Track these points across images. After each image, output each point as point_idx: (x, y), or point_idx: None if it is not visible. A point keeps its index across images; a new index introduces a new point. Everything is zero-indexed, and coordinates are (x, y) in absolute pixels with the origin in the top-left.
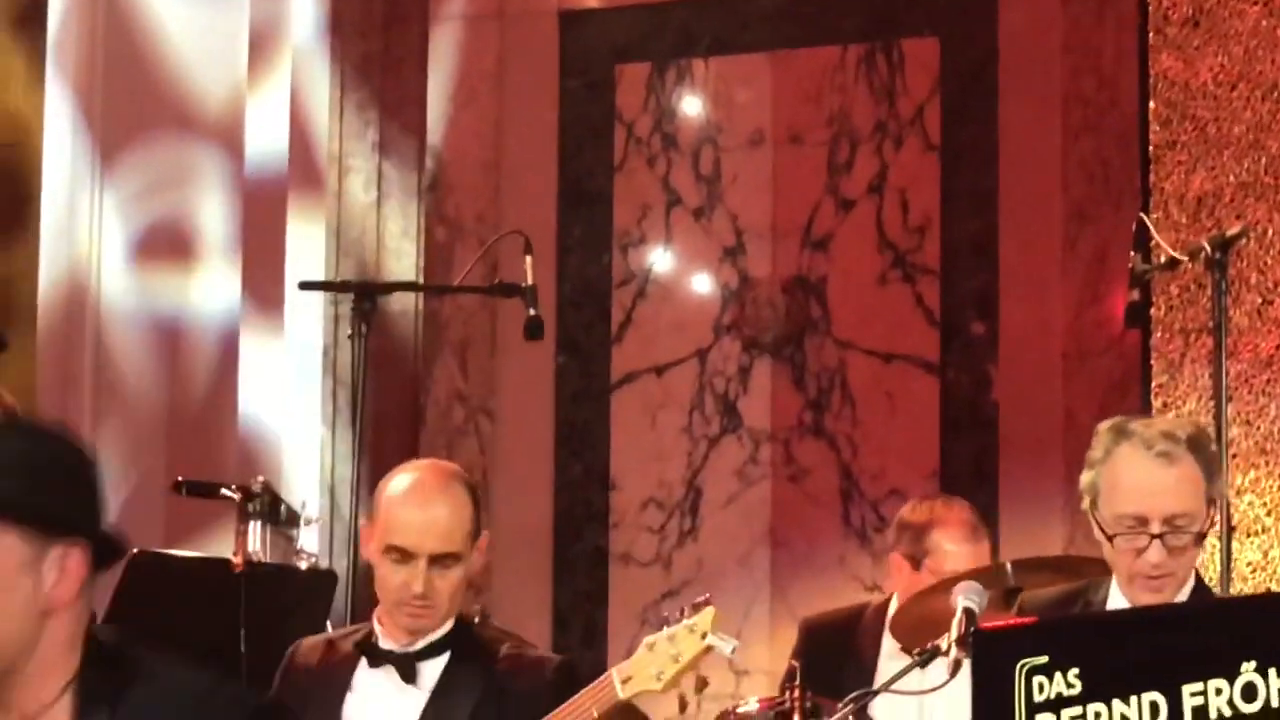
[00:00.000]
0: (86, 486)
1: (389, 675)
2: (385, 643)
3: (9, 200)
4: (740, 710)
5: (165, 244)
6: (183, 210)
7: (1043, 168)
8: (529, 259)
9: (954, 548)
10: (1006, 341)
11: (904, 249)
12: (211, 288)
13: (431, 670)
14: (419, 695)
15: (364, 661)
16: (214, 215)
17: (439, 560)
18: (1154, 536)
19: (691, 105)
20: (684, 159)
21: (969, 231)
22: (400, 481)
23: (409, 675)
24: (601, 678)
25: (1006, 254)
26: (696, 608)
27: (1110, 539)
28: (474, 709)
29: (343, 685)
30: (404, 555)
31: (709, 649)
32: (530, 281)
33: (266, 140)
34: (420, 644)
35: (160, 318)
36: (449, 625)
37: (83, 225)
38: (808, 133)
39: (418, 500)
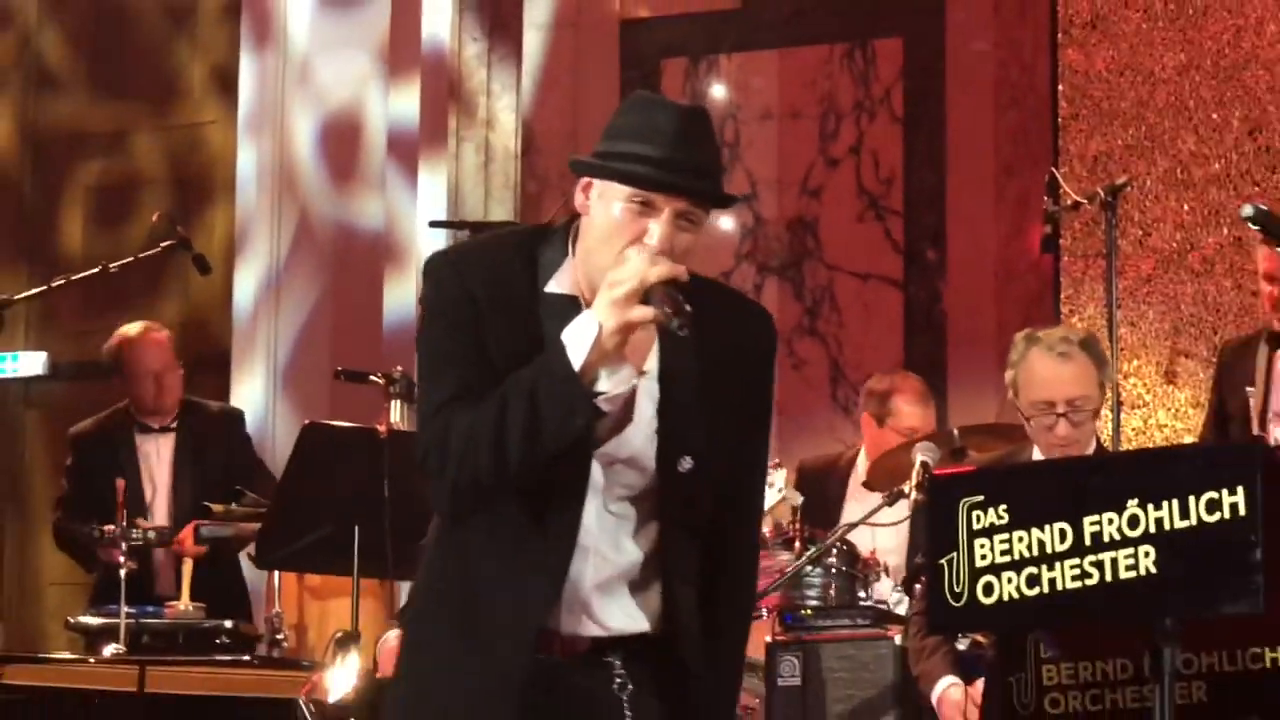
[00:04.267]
0: None
1: None
2: None
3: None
4: None
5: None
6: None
7: (979, 134)
8: None
9: (910, 409)
10: (953, 265)
11: (876, 195)
12: (367, 217)
13: None
14: None
15: None
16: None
17: None
18: (1060, 415)
19: (718, 90)
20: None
21: (925, 182)
22: None
23: None
24: None
25: (953, 198)
26: (773, 466)
27: (1028, 420)
28: None
29: None
30: None
31: (783, 499)
32: None
33: (407, 113)
34: None
35: (330, 235)
36: None
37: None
38: (804, 110)
39: None
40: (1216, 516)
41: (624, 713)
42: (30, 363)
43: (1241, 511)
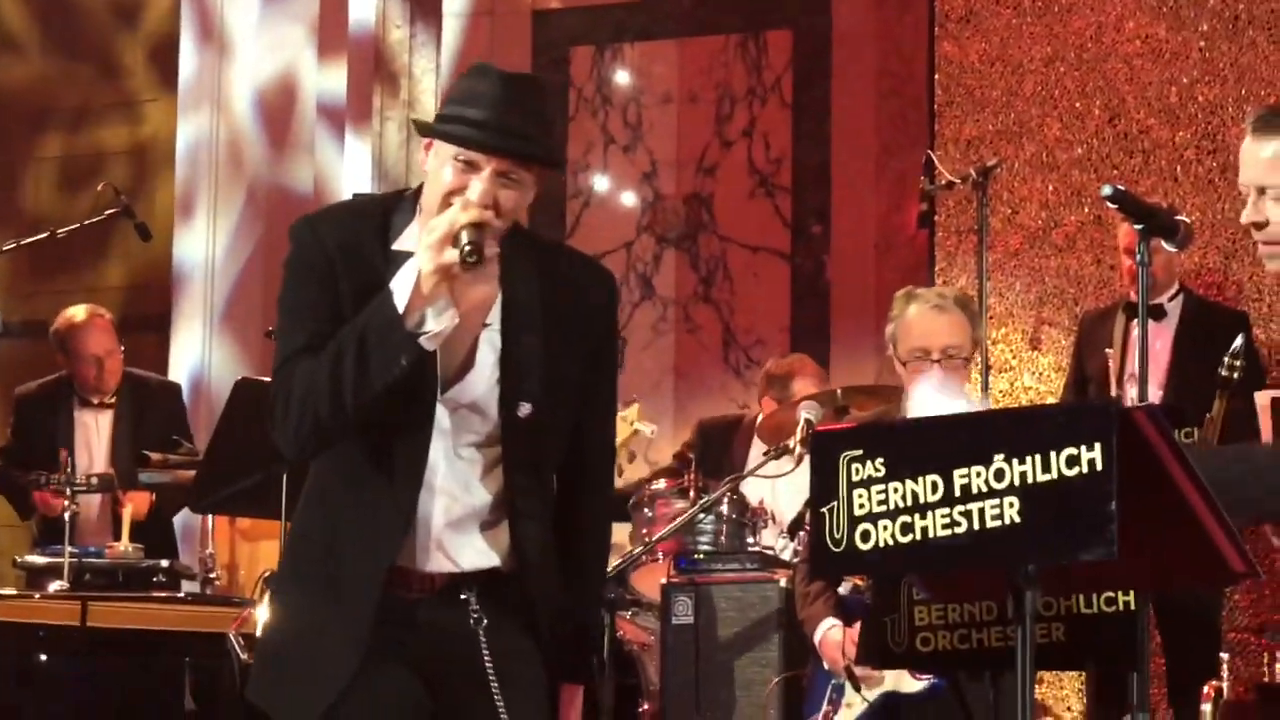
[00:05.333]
0: None
1: None
2: None
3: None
4: (653, 487)
5: (271, 137)
6: (281, 128)
7: (862, 119)
8: None
9: (811, 391)
10: (836, 238)
11: (766, 174)
12: (299, 183)
13: None
14: None
15: None
16: (302, 138)
17: None
18: (934, 362)
19: (622, 76)
20: (616, 112)
21: (811, 162)
22: None
23: None
24: None
25: (837, 178)
26: (626, 404)
27: (905, 366)
28: None
29: None
30: None
31: (636, 432)
32: None
33: (335, 90)
34: None
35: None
36: None
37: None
38: (701, 94)
39: None
40: (1075, 471)
41: (480, 646)
42: None
43: (1098, 466)
